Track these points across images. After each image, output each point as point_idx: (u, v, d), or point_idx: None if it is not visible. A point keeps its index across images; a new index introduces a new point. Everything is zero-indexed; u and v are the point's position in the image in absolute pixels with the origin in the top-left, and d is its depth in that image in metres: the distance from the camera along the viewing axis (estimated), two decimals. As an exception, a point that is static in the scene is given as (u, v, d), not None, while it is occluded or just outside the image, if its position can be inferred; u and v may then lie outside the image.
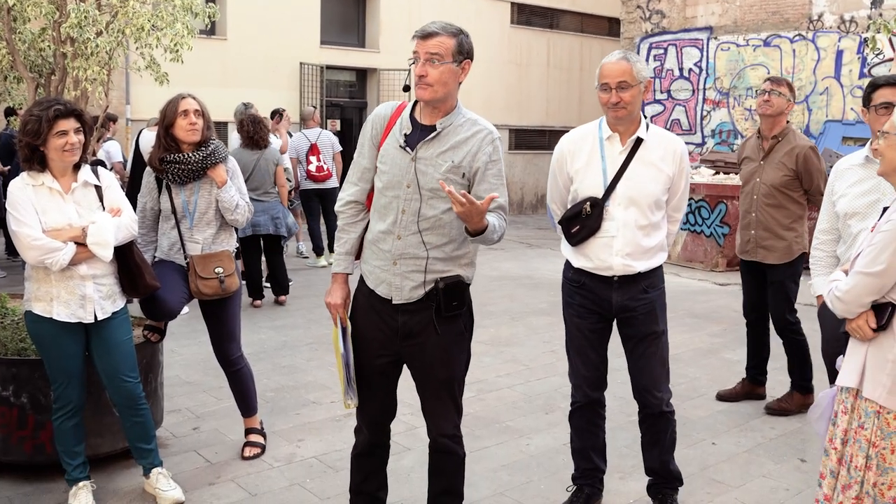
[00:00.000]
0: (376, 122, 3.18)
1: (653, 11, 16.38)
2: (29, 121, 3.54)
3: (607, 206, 3.55)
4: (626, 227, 3.54)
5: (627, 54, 3.53)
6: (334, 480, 4.17)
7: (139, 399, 3.84)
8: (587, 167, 3.61)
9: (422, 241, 3.03)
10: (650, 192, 3.54)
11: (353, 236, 3.25)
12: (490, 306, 8.35)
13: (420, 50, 2.98)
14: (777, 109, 5.13)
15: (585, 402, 3.82)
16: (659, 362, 3.71)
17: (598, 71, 3.55)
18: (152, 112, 8.35)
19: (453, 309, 3.09)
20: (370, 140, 3.17)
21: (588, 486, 3.90)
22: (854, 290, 2.84)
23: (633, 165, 3.55)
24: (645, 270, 3.60)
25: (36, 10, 4.56)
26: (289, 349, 6.59)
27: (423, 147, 3.04)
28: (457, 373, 3.21)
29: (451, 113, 3.07)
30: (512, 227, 15.85)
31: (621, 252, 3.55)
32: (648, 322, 3.66)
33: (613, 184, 3.55)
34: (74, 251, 3.55)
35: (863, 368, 2.88)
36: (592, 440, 3.88)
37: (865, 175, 3.60)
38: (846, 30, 13.82)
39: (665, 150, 3.59)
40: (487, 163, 3.05)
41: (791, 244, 5.14)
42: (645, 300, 3.63)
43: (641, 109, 3.65)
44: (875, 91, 3.59)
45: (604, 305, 3.66)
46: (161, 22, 4.76)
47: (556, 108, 19.61)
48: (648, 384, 3.71)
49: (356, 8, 16.70)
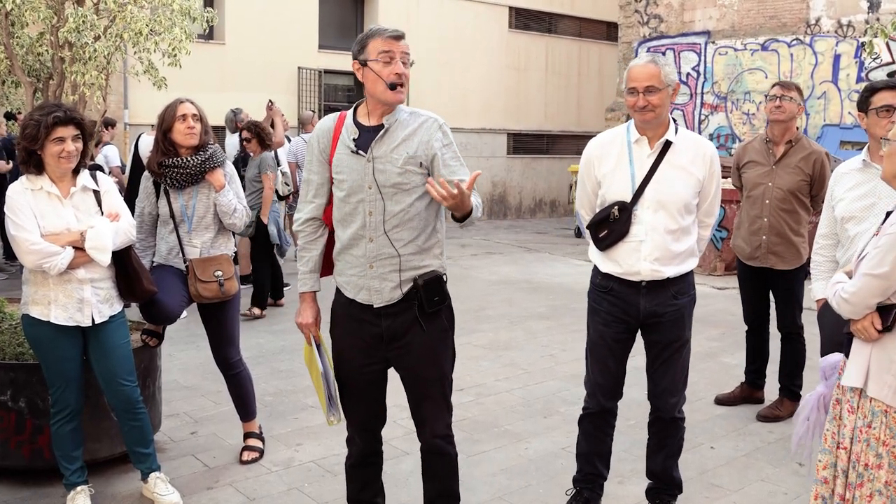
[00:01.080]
0: (321, 136, 3.18)
1: (651, 16, 16.40)
2: (28, 125, 3.55)
3: (635, 210, 3.52)
4: (654, 232, 3.51)
5: (656, 57, 3.51)
6: (332, 485, 4.16)
7: (137, 403, 3.84)
8: (615, 171, 3.58)
9: (391, 240, 3.04)
10: (679, 196, 3.51)
11: (316, 254, 3.25)
12: (488, 310, 8.35)
13: (395, 49, 3.02)
14: (789, 114, 5.10)
15: (597, 411, 3.80)
16: (680, 369, 3.70)
17: (626, 74, 3.54)
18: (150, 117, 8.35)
19: (435, 305, 3.10)
20: (318, 155, 3.18)
21: (588, 490, 3.89)
22: (860, 291, 2.86)
23: (661, 169, 3.52)
24: (674, 276, 3.55)
25: (34, 14, 4.57)
26: (287, 353, 6.58)
27: (376, 146, 3.05)
28: (445, 370, 3.22)
29: (394, 110, 3.10)
30: (510, 231, 15.87)
31: (649, 257, 3.51)
32: (675, 329, 3.62)
33: (642, 187, 3.52)
34: (73, 256, 3.56)
35: (867, 369, 2.89)
36: (599, 446, 3.86)
37: (862, 179, 3.61)
38: (843, 34, 13.84)
39: (695, 153, 3.55)
40: (441, 148, 3.08)
41: (800, 249, 5.13)
42: (674, 307, 3.59)
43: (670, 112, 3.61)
44: (874, 94, 3.58)
45: (631, 312, 3.61)
46: (159, 26, 4.77)
47: (555, 112, 19.62)
48: (668, 389, 3.69)
49: (354, 12, 16.72)
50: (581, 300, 9.66)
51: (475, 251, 12.81)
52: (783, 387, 5.31)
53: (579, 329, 7.66)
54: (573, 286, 9.99)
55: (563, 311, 8.56)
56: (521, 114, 18.96)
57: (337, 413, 3.25)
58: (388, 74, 3.01)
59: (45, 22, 4.62)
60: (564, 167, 18.48)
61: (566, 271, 11.24)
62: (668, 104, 3.51)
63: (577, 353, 6.76)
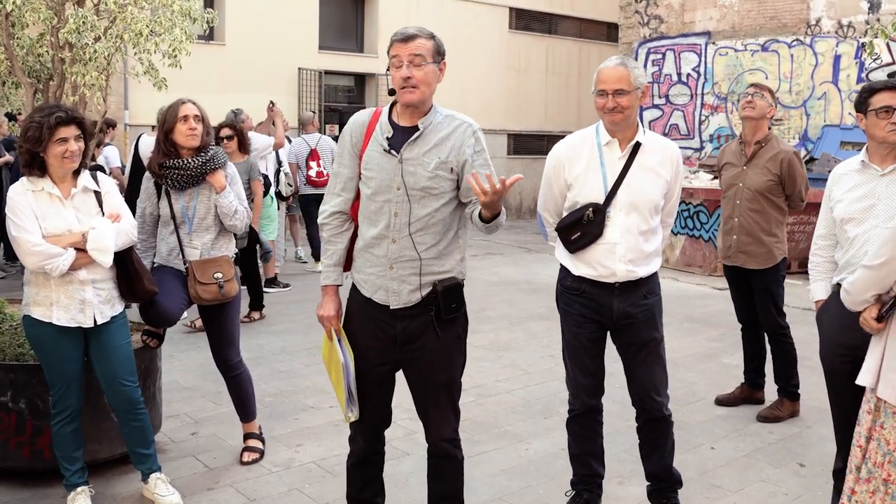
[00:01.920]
0: (355, 130, 3.17)
1: (651, 16, 16.42)
2: (30, 127, 3.55)
3: (609, 212, 3.54)
4: (628, 233, 3.53)
5: (625, 60, 3.54)
6: (333, 485, 4.16)
7: (138, 403, 3.84)
8: (586, 173, 3.59)
9: (414, 242, 3.03)
10: (650, 198, 3.55)
11: (340, 247, 3.24)
12: (489, 311, 8.35)
13: (402, 53, 3.00)
14: (760, 112, 5.16)
15: (583, 410, 3.81)
16: (660, 367, 3.71)
17: (595, 76, 3.56)
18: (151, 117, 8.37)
19: (452, 311, 3.10)
20: (350, 149, 3.17)
21: (587, 491, 3.89)
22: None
23: (633, 171, 3.55)
24: (646, 276, 3.60)
25: (34, 15, 4.57)
26: (287, 354, 6.59)
27: (408, 148, 3.05)
28: (455, 376, 3.22)
29: (430, 112, 3.09)
30: (510, 232, 15.86)
31: (624, 258, 3.54)
32: (649, 328, 3.65)
33: (614, 190, 3.54)
34: (74, 257, 3.56)
35: (879, 368, 2.91)
36: (590, 446, 3.87)
37: (861, 180, 3.60)
38: (844, 35, 13.85)
39: (663, 156, 3.60)
40: (473, 154, 3.08)
41: (772, 249, 5.17)
42: (645, 306, 3.63)
43: (640, 115, 3.65)
44: (873, 96, 3.56)
45: (604, 313, 3.63)
46: (159, 27, 4.77)
47: (555, 113, 19.64)
48: (650, 389, 3.69)
49: (354, 13, 16.73)
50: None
51: (475, 252, 12.80)
52: (781, 387, 5.33)
53: (579, 330, 7.69)
54: (573, 287, 9.98)
55: (564, 311, 8.54)
56: (522, 114, 18.97)
57: (355, 409, 3.23)
58: (395, 79, 3.02)
59: (46, 23, 4.62)
60: (565, 168, 18.47)
61: (566, 272, 11.22)
62: (637, 106, 3.55)
63: (577, 354, 6.78)
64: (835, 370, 3.64)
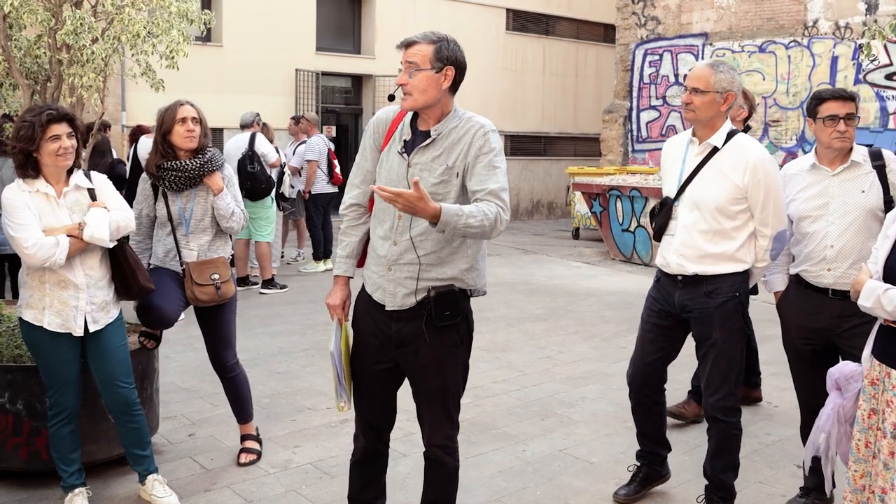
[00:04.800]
0: (378, 126, 3.20)
1: (648, 18, 16.43)
2: (22, 127, 3.55)
3: (676, 206, 3.74)
4: (685, 229, 3.71)
5: (717, 64, 3.67)
6: (330, 487, 4.16)
7: (134, 405, 3.84)
8: (672, 167, 3.84)
9: (415, 246, 3.02)
10: (712, 199, 3.65)
11: (355, 239, 3.25)
12: (486, 312, 8.35)
13: (402, 60, 3.02)
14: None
15: (635, 390, 4.00)
16: (716, 370, 3.75)
17: None
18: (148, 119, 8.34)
19: (445, 319, 3.05)
20: (372, 143, 3.20)
21: (647, 466, 4.10)
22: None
23: (704, 170, 3.69)
24: (702, 274, 3.69)
25: (32, 17, 4.56)
26: (284, 355, 6.58)
27: (418, 153, 3.05)
28: (450, 385, 3.16)
29: (447, 118, 3.07)
30: (508, 233, 15.84)
31: (677, 252, 3.72)
32: (704, 327, 3.74)
33: (684, 186, 3.72)
34: (69, 243, 3.54)
35: None
36: (644, 427, 4.08)
37: (813, 180, 3.77)
38: (841, 36, 13.87)
39: (736, 160, 3.64)
40: (477, 156, 3.00)
41: None
42: (703, 304, 3.71)
43: (719, 119, 3.70)
44: (821, 104, 3.73)
45: (670, 301, 3.82)
46: (157, 29, 4.77)
47: (552, 114, 19.65)
48: (705, 387, 3.82)
49: (352, 14, 16.73)
50: (577, 302, 9.67)
51: (473, 253, 12.80)
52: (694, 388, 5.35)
53: (577, 331, 7.69)
54: (570, 288, 10.00)
55: (561, 312, 8.57)
56: (519, 115, 18.97)
57: (344, 397, 3.24)
58: (396, 83, 3.04)
59: (43, 24, 4.62)
60: (562, 169, 18.48)
61: (564, 273, 11.25)
62: (714, 109, 3.64)
63: (574, 355, 6.78)
64: (800, 353, 3.88)
